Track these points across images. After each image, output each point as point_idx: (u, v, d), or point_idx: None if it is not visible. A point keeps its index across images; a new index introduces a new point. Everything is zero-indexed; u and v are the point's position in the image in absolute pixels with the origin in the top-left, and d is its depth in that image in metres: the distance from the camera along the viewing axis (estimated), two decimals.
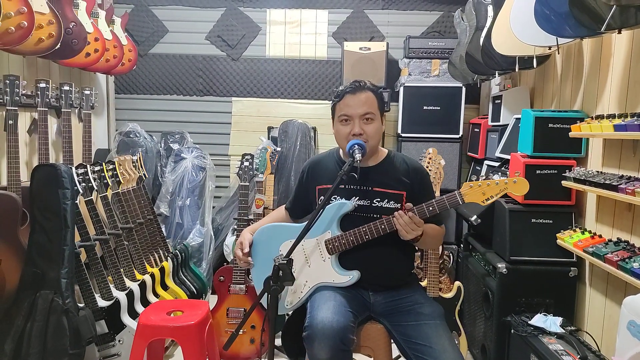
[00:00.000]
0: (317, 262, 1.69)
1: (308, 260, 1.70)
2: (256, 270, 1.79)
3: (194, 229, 3.25)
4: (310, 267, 1.70)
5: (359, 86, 1.68)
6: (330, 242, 1.67)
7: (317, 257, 1.70)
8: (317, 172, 1.82)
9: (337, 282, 1.66)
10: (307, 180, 1.85)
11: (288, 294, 1.71)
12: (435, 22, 3.61)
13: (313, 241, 1.70)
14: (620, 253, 1.68)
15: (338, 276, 1.67)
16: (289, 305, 1.72)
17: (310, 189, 1.81)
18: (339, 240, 1.66)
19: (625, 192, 1.63)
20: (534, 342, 1.80)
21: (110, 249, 2.38)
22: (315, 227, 1.63)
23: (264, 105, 3.74)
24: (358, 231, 1.64)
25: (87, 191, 2.31)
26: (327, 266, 1.68)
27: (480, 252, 2.42)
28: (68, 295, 1.95)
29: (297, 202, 1.90)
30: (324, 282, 1.68)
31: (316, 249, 1.70)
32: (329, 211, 1.69)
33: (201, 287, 2.95)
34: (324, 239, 1.69)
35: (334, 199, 1.71)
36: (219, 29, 3.71)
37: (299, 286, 1.69)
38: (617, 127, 1.69)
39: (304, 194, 1.85)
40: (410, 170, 1.74)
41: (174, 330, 1.92)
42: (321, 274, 1.68)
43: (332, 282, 1.67)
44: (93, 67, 2.88)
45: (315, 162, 1.86)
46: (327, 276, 1.68)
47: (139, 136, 3.38)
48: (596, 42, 2.06)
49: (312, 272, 1.69)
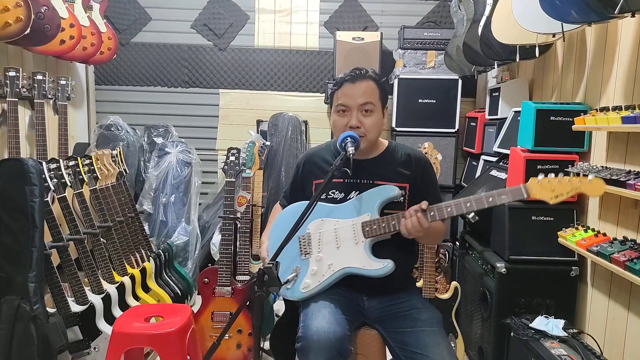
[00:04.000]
0: (349, 244, 1.54)
1: (338, 241, 1.55)
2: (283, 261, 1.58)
3: (179, 227, 3.14)
4: (339, 249, 1.55)
5: (359, 74, 1.57)
6: (368, 224, 1.53)
7: (350, 240, 1.54)
8: (313, 166, 1.71)
9: (367, 269, 1.51)
10: (302, 175, 1.73)
11: (306, 275, 1.55)
12: (431, 12, 3.53)
13: (348, 223, 1.56)
14: (628, 253, 1.61)
15: (370, 262, 1.51)
16: (305, 290, 1.54)
17: (306, 184, 1.70)
18: (378, 224, 1.51)
19: (635, 188, 1.54)
20: (535, 347, 1.73)
21: (86, 249, 2.25)
22: (351, 209, 1.55)
23: (252, 98, 3.63)
24: (393, 218, 1.50)
25: (59, 188, 2.17)
26: (359, 250, 1.53)
27: (477, 250, 2.34)
28: (36, 301, 1.81)
29: (293, 197, 1.75)
30: (351, 267, 1.52)
31: (350, 230, 1.55)
32: (370, 194, 1.56)
33: (186, 288, 2.84)
34: (362, 220, 1.54)
35: (332, 193, 1.62)
36: (205, 17, 3.58)
37: (321, 268, 1.54)
38: (626, 119, 1.60)
39: (300, 189, 1.74)
40: (413, 162, 1.64)
41: (152, 338, 1.79)
42: (350, 258, 1.53)
43: (362, 268, 1.51)
44: (69, 56, 2.75)
45: (310, 156, 1.74)
46: (357, 261, 1.52)
47: (121, 129, 3.24)
48: (600, 30, 1.97)
49: (341, 254, 1.54)
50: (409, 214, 1.44)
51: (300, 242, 1.59)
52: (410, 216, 1.44)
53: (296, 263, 1.57)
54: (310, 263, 1.56)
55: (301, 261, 1.58)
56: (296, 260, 1.58)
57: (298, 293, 1.56)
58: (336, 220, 1.57)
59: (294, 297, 1.57)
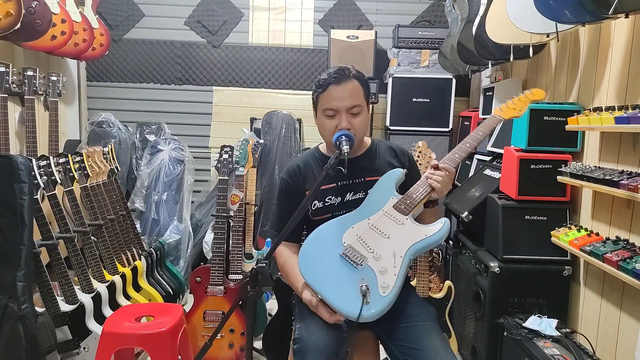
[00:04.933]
0: (396, 229, 1.47)
1: (384, 233, 1.47)
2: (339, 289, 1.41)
3: (171, 226, 3.10)
4: (390, 238, 1.46)
5: (343, 75, 1.54)
6: (401, 203, 1.49)
7: (393, 225, 1.48)
8: (300, 178, 1.65)
9: (430, 236, 1.44)
10: (290, 191, 1.65)
11: (377, 277, 1.38)
12: (426, 11, 3.53)
13: (379, 214, 1.50)
14: (621, 252, 1.60)
15: (427, 229, 1.44)
16: (386, 292, 1.35)
17: (299, 199, 1.53)
18: (409, 198, 1.48)
19: (627, 188, 1.54)
20: (528, 346, 1.73)
21: (77, 248, 2.22)
22: (373, 204, 1.52)
23: (246, 95, 3.60)
24: (419, 186, 1.50)
25: (49, 185, 2.14)
26: (410, 226, 1.46)
27: (471, 249, 2.34)
28: (25, 300, 1.78)
29: (286, 223, 1.46)
30: (416, 243, 1.43)
31: (386, 219, 1.49)
32: (380, 183, 1.56)
33: (178, 287, 2.81)
34: (391, 205, 1.50)
35: (329, 199, 1.59)
36: (198, 13, 3.55)
37: (387, 262, 1.41)
38: (619, 119, 1.60)
39: (293, 207, 1.48)
40: (398, 154, 1.69)
41: (142, 339, 1.76)
42: (409, 236, 1.44)
43: (425, 238, 1.43)
44: (60, 52, 2.71)
45: (293, 169, 1.67)
46: (415, 236, 1.44)
47: (112, 126, 3.20)
48: (594, 31, 1.98)
49: (396, 240, 1.44)
50: (430, 173, 1.48)
51: (347, 257, 1.43)
52: (433, 174, 1.47)
53: (356, 279, 1.38)
54: (371, 266, 1.40)
55: (360, 272, 1.39)
56: (353, 277, 1.38)
57: (382, 300, 1.34)
58: (366, 220, 1.50)
59: (381, 308, 1.33)
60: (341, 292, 1.36)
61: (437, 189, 1.47)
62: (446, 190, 1.49)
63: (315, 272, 1.43)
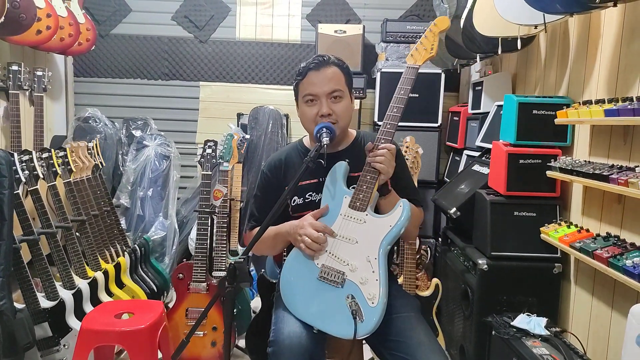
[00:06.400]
0: (361, 230, 1.42)
1: (350, 240, 1.42)
2: (321, 318, 1.39)
3: (157, 222, 3.06)
4: (359, 243, 1.41)
5: (322, 61, 1.51)
6: (354, 200, 1.44)
7: (356, 227, 1.42)
8: (280, 172, 1.61)
9: (395, 223, 1.39)
10: (270, 185, 1.61)
11: (362, 290, 1.35)
12: (414, 5, 3.49)
13: (339, 221, 1.44)
14: (611, 249, 1.57)
15: (389, 218, 1.41)
16: (374, 302, 1.33)
17: (278, 193, 1.48)
18: (360, 192, 1.43)
19: (617, 182, 1.51)
20: (516, 345, 1.68)
21: (59, 243, 2.17)
22: (330, 211, 1.46)
23: (233, 91, 3.56)
24: (364, 175, 1.45)
25: (31, 180, 2.09)
26: (372, 222, 1.41)
27: (459, 247, 2.31)
28: (3, 296, 1.74)
29: (267, 213, 1.43)
30: (384, 239, 1.39)
31: (348, 222, 1.44)
32: (328, 189, 1.49)
33: (162, 284, 2.77)
34: (347, 205, 1.45)
35: (309, 196, 1.55)
36: (185, 8, 3.51)
37: (364, 270, 1.37)
38: (609, 112, 1.57)
39: (271, 202, 1.45)
40: None
41: (121, 336, 1.72)
42: (375, 234, 1.39)
43: (392, 229, 1.39)
44: (46, 46, 2.68)
45: (274, 162, 1.63)
46: (381, 229, 1.39)
47: (99, 122, 3.16)
48: (583, 22, 1.95)
49: (365, 244, 1.40)
50: (371, 158, 1.43)
51: (325, 280, 1.40)
52: (374, 156, 1.42)
53: (342, 299, 1.35)
54: (352, 280, 1.37)
55: (343, 290, 1.37)
56: (339, 298, 1.36)
57: (373, 311, 1.32)
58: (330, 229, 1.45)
59: (376, 319, 1.31)
60: (333, 319, 1.35)
61: (382, 170, 1.41)
62: (392, 169, 1.43)
63: (301, 306, 1.41)
